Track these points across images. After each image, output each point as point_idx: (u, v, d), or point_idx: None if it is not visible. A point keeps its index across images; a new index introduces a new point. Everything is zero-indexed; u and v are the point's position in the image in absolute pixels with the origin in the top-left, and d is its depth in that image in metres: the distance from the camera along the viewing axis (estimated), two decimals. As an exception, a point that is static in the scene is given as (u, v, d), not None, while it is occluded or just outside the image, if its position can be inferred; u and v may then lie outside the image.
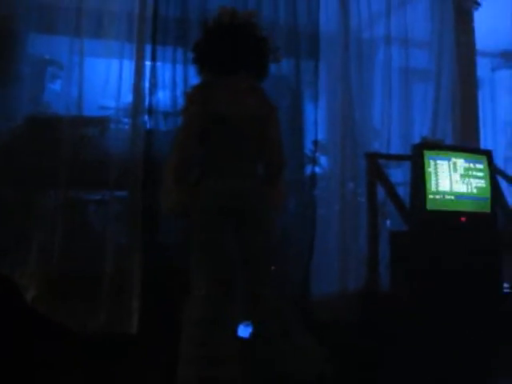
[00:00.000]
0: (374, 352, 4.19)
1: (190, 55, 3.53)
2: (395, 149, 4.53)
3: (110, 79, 3.89)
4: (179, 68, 3.98)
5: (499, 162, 4.74)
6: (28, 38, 3.80)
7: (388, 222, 4.54)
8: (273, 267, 3.00)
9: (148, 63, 3.94)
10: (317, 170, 4.29)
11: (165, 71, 3.95)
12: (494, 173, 4.45)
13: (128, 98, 3.92)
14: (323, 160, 4.45)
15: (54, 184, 3.75)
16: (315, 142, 4.27)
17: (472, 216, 4.29)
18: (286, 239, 4.11)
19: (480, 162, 4.40)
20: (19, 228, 3.68)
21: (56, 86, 3.90)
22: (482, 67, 5.20)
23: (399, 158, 4.52)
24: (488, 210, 4.35)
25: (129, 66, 3.92)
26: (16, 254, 3.65)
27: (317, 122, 4.29)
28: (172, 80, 3.96)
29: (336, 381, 3.17)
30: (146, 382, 3.34)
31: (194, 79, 3.89)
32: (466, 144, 4.72)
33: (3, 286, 3.57)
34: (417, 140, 4.42)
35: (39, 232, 3.70)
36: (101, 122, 3.90)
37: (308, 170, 4.26)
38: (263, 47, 2.94)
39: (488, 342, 4.06)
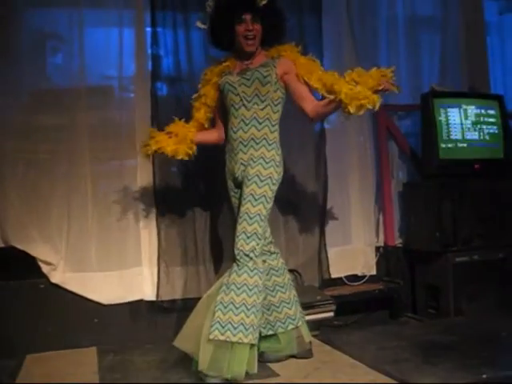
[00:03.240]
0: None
1: (192, 19, 3.66)
2: (404, 99, 4.45)
3: (112, 48, 3.83)
4: (180, 33, 3.92)
5: (511, 106, 4.65)
6: (26, 11, 3.74)
7: (400, 174, 4.50)
8: None
9: (149, 29, 3.89)
10: (326, 126, 4.24)
11: (166, 37, 3.90)
12: (506, 118, 4.39)
13: (131, 65, 3.88)
14: (332, 116, 4.38)
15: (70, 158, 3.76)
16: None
17: (486, 163, 4.26)
18: (300, 196, 4.11)
19: (491, 108, 4.34)
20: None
21: (57, 59, 3.86)
22: (490, 11, 5.07)
23: (408, 108, 4.46)
24: (501, 155, 4.31)
25: (129, 34, 3.87)
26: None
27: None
28: (174, 45, 3.91)
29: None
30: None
31: (197, 43, 3.91)
32: (477, 90, 4.64)
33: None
34: (426, 90, 4.36)
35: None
36: (105, 92, 3.87)
37: (317, 126, 4.22)
38: None
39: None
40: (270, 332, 3.15)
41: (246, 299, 2.84)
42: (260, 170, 3.02)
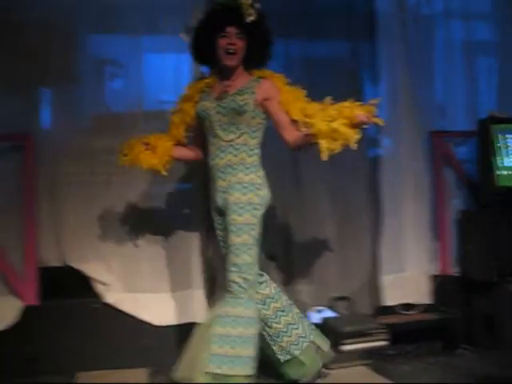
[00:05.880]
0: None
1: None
2: (461, 126, 4.39)
3: (169, 73, 3.91)
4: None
5: None
6: (87, 37, 3.87)
7: (456, 201, 4.41)
8: None
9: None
10: (381, 152, 4.20)
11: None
12: None
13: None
14: (387, 142, 4.35)
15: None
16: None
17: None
18: (353, 222, 4.07)
19: (551, 134, 4.23)
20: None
21: (116, 84, 3.96)
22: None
23: (466, 134, 4.38)
24: (562, 183, 4.18)
25: (186, 59, 3.93)
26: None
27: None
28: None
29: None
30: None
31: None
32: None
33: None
34: (483, 115, 4.28)
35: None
36: (161, 116, 3.93)
37: (371, 152, 4.18)
38: None
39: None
40: (288, 357, 3.10)
41: (242, 332, 2.80)
42: (239, 197, 2.96)
